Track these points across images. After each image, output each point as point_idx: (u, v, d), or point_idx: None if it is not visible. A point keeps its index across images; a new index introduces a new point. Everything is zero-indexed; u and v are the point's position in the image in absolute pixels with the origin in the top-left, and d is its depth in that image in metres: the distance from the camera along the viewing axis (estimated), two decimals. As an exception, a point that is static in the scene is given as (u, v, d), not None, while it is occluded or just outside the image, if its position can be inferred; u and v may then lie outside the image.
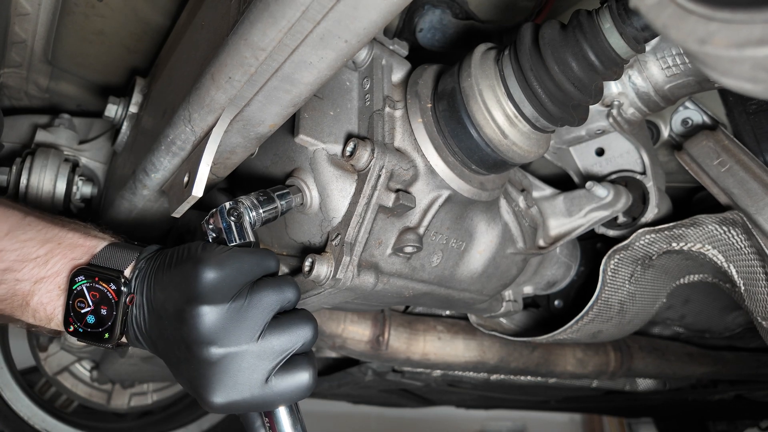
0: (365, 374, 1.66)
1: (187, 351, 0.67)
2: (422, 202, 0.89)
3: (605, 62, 0.75)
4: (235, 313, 0.67)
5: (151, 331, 0.71)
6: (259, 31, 0.60)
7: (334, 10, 0.56)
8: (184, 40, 0.91)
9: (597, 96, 0.82)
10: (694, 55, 0.44)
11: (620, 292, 1.20)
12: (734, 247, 1.03)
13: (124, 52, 1.19)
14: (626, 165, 1.16)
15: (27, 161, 1.15)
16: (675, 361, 1.72)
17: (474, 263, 1.03)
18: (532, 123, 0.82)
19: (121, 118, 1.10)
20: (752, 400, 2.17)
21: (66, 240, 0.76)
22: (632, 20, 0.72)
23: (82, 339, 0.74)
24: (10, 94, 1.27)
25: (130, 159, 1.03)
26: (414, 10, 1.08)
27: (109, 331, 0.72)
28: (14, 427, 1.42)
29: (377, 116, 0.86)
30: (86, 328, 0.73)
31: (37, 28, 1.06)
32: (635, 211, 1.15)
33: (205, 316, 0.65)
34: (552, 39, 0.76)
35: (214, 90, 0.70)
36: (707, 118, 1.15)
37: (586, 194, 1.15)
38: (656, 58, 1.02)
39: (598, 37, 0.74)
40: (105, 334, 0.73)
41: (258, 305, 0.68)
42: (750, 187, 1.00)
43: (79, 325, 0.73)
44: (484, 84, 0.82)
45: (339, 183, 0.85)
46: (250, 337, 0.67)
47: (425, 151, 0.87)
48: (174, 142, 0.81)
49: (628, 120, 1.08)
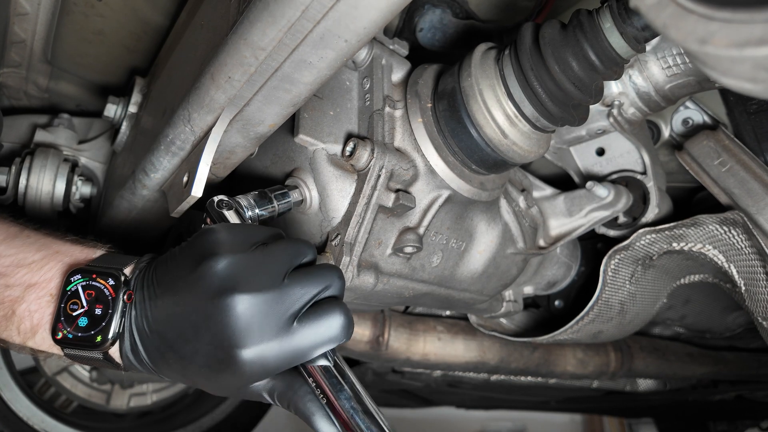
0: (365, 375, 1.66)
1: (205, 315, 0.62)
2: (422, 202, 0.89)
3: (606, 62, 0.75)
4: (253, 261, 0.64)
5: (155, 326, 0.65)
6: (259, 31, 0.60)
7: (334, 9, 0.56)
8: (184, 39, 0.91)
9: (597, 96, 0.81)
10: (695, 54, 0.44)
11: (621, 293, 1.19)
12: (735, 247, 1.03)
13: (123, 52, 1.19)
14: (627, 165, 1.16)
15: (26, 161, 1.14)
16: (675, 362, 1.71)
17: (474, 263, 1.03)
18: (533, 123, 0.82)
19: (120, 118, 1.10)
20: (753, 401, 2.17)
21: (63, 248, 0.74)
22: (632, 20, 0.72)
23: (69, 349, 0.69)
24: (10, 94, 1.26)
25: (130, 159, 1.03)
26: (414, 10, 1.07)
27: (102, 332, 0.67)
28: (13, 427, 1.42)
29: (377, 116, 0.86)
30: (76, 333, 0.68)
31: (36, 28, 1.05)
32: (636, 211, 1.15)
33: (222, 263, 0.63)
34: (552, 38, 0.76)
35: (213, 90, 0.70)
36: (708, 117, 1.15)
37: (586, 194, 1.15)
38: (657, 57, 1.02)
39: (599, 37, 0.73)
40: (97, 337, 0.67)
41: (275, 253, 0.65)
42: (750, 187, 1.00)
43: (68, 331, 0.68)
44: (484, 84, 0.81)
45: (339, 183, 0.85)
46: (272, 281, 0.63)
47: (425, 151, 0.87)
48: (173, 141, 0.81)
49: (629, 120, 1.08)
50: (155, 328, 0.66)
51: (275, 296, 0.62)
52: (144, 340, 0.67)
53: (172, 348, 0.65)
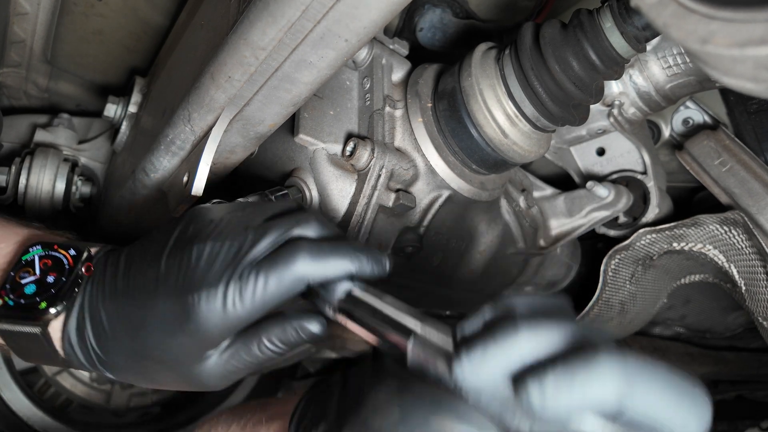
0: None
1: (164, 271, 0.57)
2: (422, 202, 0.89)
3: (606, 62, 0.75)
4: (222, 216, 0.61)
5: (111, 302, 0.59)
6: (259, 31, 0.60)
7: (334, 9, 0.56)
8: (184, 39, 0.91)
9: (598, 95, 0.81)
10: (696, 54, 0.44)
11: (621, 293, 1.19)
12: (735, 247, 1.03)
13: (123, 52, 1.19)
14: (627, 165, 1.16)
15: (26, 161, 1.14)
16: (676, 362, 1.71)
17: (474, 263, 1.03)
18: (533, 122, 0.82)
19: (120, 118, 1.10)
20: (753, 401, 2.17)
21: (27, 231, 0.68)
22: (633, 19, 0.72)
23: (3, 322, 0.60)
24: (9, 94, 1.26)
25: (130, 159, 1.03)
26: (414, 9, 1.07)
27: (49, 299, 0.59)
28: (13, 427, 1.42)
29: (377, 116, 0.86)
30: (18, 300, 0.60)
31: (36, 28, 1.05)
32: (636, 211, 1.15)
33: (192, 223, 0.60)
34: (553, 38, 0.76)
35: (213, 89, 0.70)
36: (708, 117, 1.15)
37: (586, 194, 1.15)
38: (657, 57, 1.02)
39: (599, 37, 0.73)
40: (41, 303, 0.59)
41: (247, 210, 0.62)
42: (751, 187, 1.00)
43: (10, 298, 0.60)
44: (484, 83, 0.81)
45: (339, 183, 0.85)
46: (236, 231, 0.59)
47: (425, 151, 0.86)
48: (173, 141, 0.81)
49: (629, 119, 1.08)
50: (110, 306, 0.60)
51: (234, 242, 0.58)
52: (94, 317, 0.60)
53: (125, 317, 0.59)
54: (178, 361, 0.59)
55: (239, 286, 0.55)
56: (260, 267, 0.56)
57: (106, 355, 0.61)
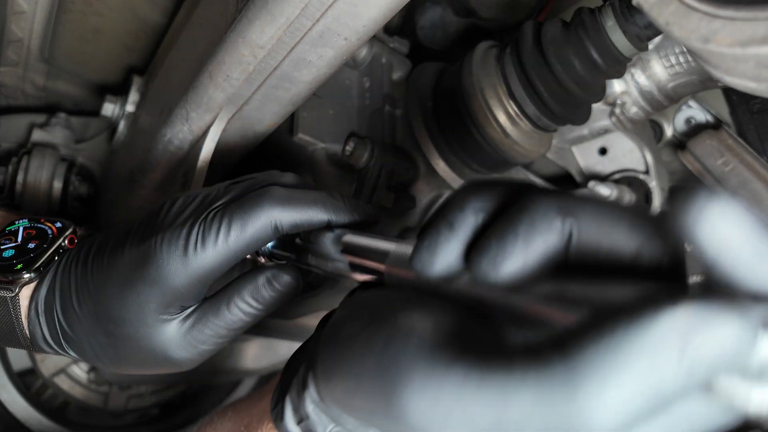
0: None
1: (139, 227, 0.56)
2: (422, 202, 0.88)
3: (608, 60, 0.74)
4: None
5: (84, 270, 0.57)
6: (258, 29, 0.59)
7: (334, 7, 0.55)
8: (182, 38, 0.91)
9: (600, 95, 0.81)
10: (698, 53, 0.43)
11: (622, 293, 1.19)
12: (737, 247, 1.03)
13: (121, 51, 1.18)
14: (629, 164, 1.15)
15: (23, 161, 1.14)
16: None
17: (475, 264, 1.02)
18: (534, 122, 0.81)
19: (118, 117, 1.09)
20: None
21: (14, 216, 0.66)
22: (635, 18, 0.71)
23: None
24: (7, 93, 1.26)
25: (128, 158, 1.02)
26: (414, 8, 1.07)
27: (25, 262, 0.58)
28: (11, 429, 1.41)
29: (377, 115, 0.86)
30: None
31: (33, 27, 1.05)
32: (637, 211, 1.15)
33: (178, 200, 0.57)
34: (554, 37, 0.75)
35: (212, 88, 0.69)
36: (710, 117, 1.14)
37: (588, 194, 1.14)
38: (659, 56, 1.01)
39: (601, 36, 0.73)
40: (18, 265, 0.58)
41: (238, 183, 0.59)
42: (753, 188, 1.00)
43: None
44: (485, 83, 0.81)
45: (338, 183, 0.84)
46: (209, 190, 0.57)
47: (425, 151, 0.86)
48: (171, 141, 0.80)
49: (631, 119, 1.07)
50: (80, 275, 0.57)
51: (206, 193, 0.56)
52: (63, 288, 0.58)
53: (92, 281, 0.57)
54: (138, 319, 0.54)
55: (202, 228, 0.52)
56: (225, 210, 0.53)
57: (70, 327, 0.58)
